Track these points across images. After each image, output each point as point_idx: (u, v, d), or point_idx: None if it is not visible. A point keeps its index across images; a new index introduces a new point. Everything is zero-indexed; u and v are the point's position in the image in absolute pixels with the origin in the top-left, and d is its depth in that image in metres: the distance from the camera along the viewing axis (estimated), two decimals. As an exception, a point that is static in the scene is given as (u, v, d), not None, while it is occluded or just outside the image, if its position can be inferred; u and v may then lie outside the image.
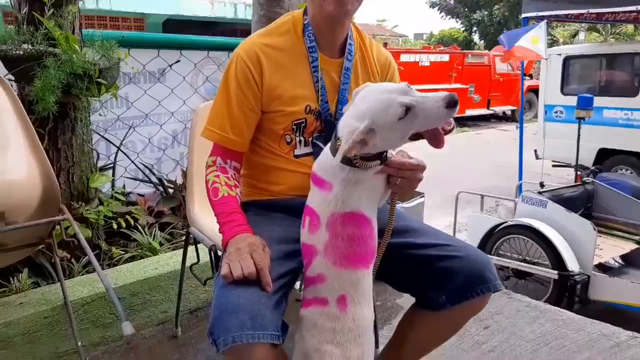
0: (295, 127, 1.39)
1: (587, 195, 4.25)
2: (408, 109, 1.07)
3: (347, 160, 1.12)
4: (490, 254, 3.93)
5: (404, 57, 12.30)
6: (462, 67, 13.31)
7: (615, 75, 7.29)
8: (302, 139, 1.40)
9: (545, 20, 5.51)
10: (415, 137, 1.15)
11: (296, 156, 1.41)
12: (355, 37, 1.48)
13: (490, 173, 8.56)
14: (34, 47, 1.80)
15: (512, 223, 3.91)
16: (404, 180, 1.20)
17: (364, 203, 1.16)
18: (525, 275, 3.82)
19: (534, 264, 3.72)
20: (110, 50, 1.90)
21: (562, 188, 4.15)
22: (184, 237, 2.38)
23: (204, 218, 1.73)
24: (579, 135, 4.70)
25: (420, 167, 1.21)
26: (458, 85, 13.29)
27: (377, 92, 1.11)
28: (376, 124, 1.08)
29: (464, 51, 14.43)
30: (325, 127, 1.41)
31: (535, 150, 7.52)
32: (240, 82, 1.35)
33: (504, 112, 15.08)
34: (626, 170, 6.89)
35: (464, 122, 14.00)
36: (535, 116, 13.19)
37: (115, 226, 2.16)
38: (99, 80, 1.86)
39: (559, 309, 2.41)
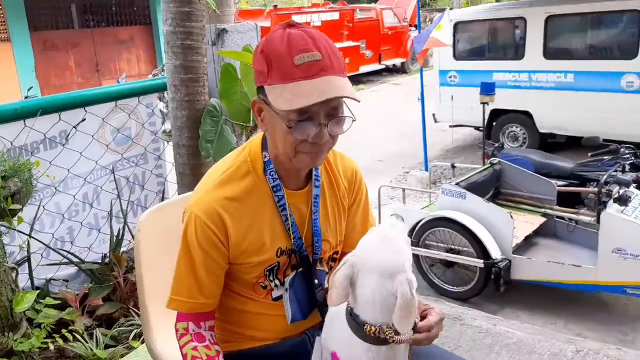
0: (268, 272, 1.28)
1: (496, 176, 4.52)
2: None
3: (383, 341, 1.07)
4: (418, 247, 4.09)
5: (296, 18, 11.96)
6: (352, 24, 13.30)
7: (503, 40, 7.67)
8: (277, 281, 1.30)
9: (449, 8, 5.63)
10: None
11: (274, 299, 1.31)
12: None
13: (395, 136, 8.84)
14: None
15: (435, 216, 4.07)
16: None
17: None
18: (452, 263, 4.04)
19: (460, 252, 3.93)
20: (25, 169, 1.59)
21: (474, 174, 4.35)
22: (131, 334, 2.20)
23: (170, 350, 1.53)
24: (484, 119, 4.91)
25: (442, 318, 1.19)
26: (350, 43, 13.31)
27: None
28: None
29: (352, 6, 14.36)
30: (300, 262, 1.31)
31: (434, 114, 7.86)
32: (203, 246, 1.19)
33: (394, 65, 15.46)
34: (516, 127, 7.45)
35: (358, 78, 14.18)
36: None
37: (52, 347, 1.92)
38: (13, 208, 1.57)
39: (507, 329, 2.57)
